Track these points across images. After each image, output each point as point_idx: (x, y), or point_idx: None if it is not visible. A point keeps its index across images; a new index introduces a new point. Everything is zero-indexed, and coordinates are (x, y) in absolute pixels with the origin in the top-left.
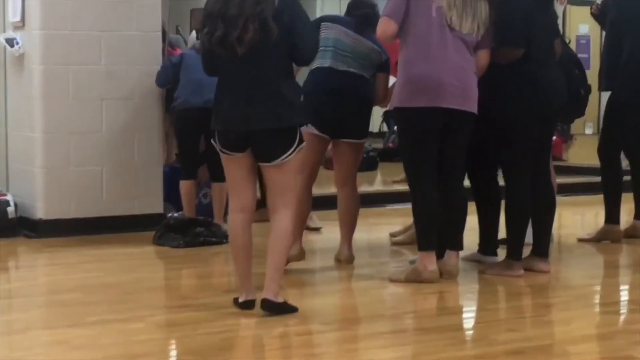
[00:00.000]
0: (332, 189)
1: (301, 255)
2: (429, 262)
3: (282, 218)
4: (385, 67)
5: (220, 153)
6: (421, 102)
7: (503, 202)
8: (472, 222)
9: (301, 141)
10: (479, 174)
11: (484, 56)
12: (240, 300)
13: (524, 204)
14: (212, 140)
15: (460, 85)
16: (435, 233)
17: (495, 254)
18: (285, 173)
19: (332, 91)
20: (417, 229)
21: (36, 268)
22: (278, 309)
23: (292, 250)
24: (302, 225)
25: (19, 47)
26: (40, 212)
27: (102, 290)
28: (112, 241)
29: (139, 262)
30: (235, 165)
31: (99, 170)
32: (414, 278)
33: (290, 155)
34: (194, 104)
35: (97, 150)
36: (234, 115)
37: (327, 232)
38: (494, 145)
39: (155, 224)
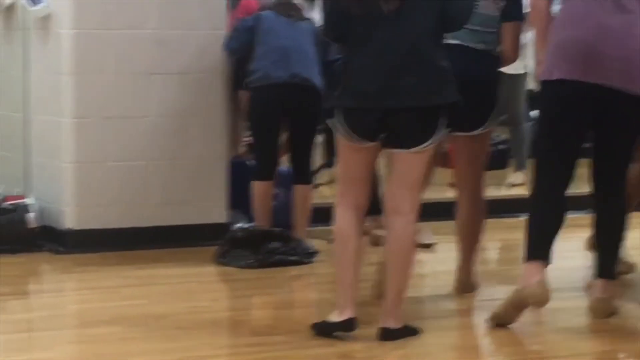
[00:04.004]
0: (449, 193)
1: None
2: (533, 274)
3: (408, 223)
4: (509, 13)
5: (344, 139)
6: (563, 74)
7: None
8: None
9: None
10: None
11: None
12: (338, 319)
13: None
14: (329, 121)
15: (623, 56)
16: (550, 241)
17: None
18: (421, 163)
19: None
20: (527, 232)
21: (64, 293)
22: (399, 336)
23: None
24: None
25: (44, 6)
26: (70, 220)
27: (148, 322)
28: (161, 259)
29: (196, 287)
30: (359, 157)
31: (144, 167)
32: (517, 301)
33: (436, 140)
34: (277, 78)
35: (143, 141)
36: (373, 88)
37: (444, 250)
38: None
39: (218, 238)
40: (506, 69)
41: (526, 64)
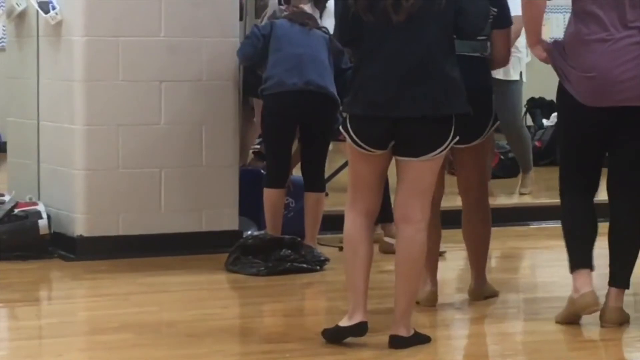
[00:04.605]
0: (458, 201)
1: (433, 297)
2: (582, 284)
3: (419, 230)
4: (500, 21)
5: (354, 148)
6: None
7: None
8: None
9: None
10: None
11: None
12: (349, 323)
13: None
14: (341, 128)
15: (635, 76)
16: (589, 247)
17: None
18: (431, 172)
19: None
20: (567, 243)
21: (74, 300)
22: (410, 344)
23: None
24: (435, 258)
25: (56, 13)
26: (80, 227)
27: (158, 330)
28: (171, 266)
29: (206, 294)
30: (370, 164)
31: (156, 174)
32: (572, 310)
33: (445, 148)
34: (291, 85)
35: (154, 148)
36: (383, 97)
37: (454, 258)
38: None
39: (229, 245)
40: (502, 76)
41: (521, 71)
